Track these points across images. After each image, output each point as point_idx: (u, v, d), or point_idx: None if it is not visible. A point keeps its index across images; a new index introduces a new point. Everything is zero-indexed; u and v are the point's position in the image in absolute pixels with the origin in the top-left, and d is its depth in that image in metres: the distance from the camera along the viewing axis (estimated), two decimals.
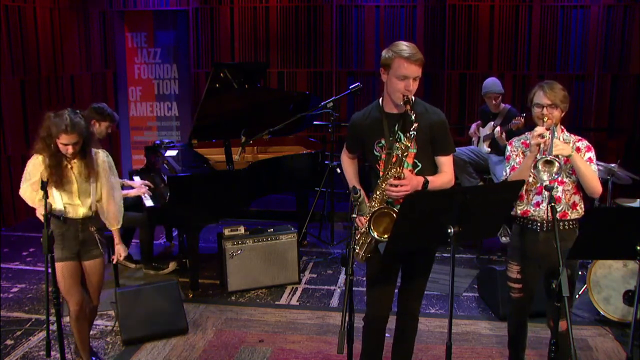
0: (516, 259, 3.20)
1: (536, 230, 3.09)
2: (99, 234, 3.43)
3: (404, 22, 7.08)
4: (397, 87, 2.75)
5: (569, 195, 3.06)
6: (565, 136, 3.11)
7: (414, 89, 2.76)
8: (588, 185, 3.00)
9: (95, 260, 3.44)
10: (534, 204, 3.09)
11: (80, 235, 3.35)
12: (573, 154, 2.97)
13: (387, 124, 2.86)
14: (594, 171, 3.01)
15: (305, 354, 3.85)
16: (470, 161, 5.58)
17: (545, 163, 2.87)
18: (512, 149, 3.20)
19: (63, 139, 3.17)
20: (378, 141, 2.89)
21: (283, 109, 5.42)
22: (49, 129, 3.20)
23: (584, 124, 6.87)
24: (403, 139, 2.76)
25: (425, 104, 2.90)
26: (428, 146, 2.86)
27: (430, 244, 2.92)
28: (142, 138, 7.94)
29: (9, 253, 5.63)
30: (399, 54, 2.72)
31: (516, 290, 3.24)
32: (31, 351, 3.85)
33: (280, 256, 4.85)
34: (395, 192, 2.74)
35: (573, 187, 3.06)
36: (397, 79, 2.74)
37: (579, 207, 3.10)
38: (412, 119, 2.71)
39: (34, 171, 3.26)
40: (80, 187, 3.29)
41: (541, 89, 3.05)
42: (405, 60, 2.71)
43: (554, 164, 2.85)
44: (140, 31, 7.78)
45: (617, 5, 6.65)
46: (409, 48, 2.73)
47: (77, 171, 3.28)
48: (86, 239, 3.37)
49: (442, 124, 2.87)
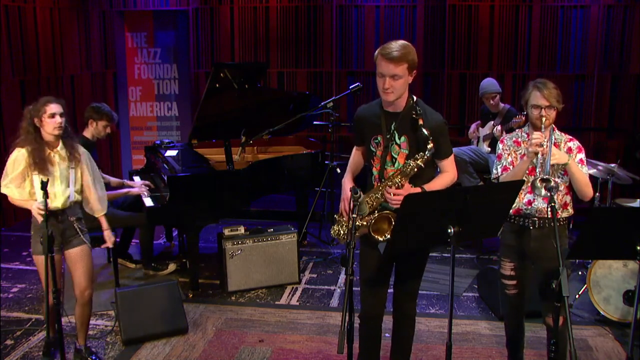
0: (509, 256, 3.23)
1: (528, 228, 3.12)
2: (79, 223, 3.47)
3: (404, 22, 7.08)
4: (378, 85, 2.77)
5: (561, 196, 3.10)
6: (557, 135, 3.12)
7: (394, 87, 2.73)
8: (580, 190, 3.03)
9: (77, 248, 3.47)
10: (525, 202, 3.11)
11: (60, 226, 3.40)
12: (570, 161, 3.00)
13: (385, 122, 2.87)
14: (585, 175, 3.04)
15: (305, 354, 3.85)
16: (470, 161, 5.58)
17: (542, 180, 2.89)
18: (504, 148, 3.21)
19: (50, 108, 3.29)
20: (375, 137, 2.91)
21: (283, 109, 5.42)
22: (33, 116, 3.31)
23: (584, 124, 6.87)
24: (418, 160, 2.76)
25: (426, 107, 2.90)
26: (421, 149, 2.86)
27: (430, 244, 2.93)
28: (142, 138, 7.94)
29: (9, 253, 5.63)
30: (380, 51, 2.73)
31: (511, 287, 3.26)
32: (31, 351, 3.85)
33: (280, 256, 4.85)
34: (390, 201, 2.78)
35: (565, 187, 3.10)
36: (378, 77, 2.76)
37: (570, 206, 3.15)
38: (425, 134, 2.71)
39: (16, 165, 3.33)
40: (61, 176, 3.36)
41: (537, 89, 3.04)
42: (382, 58, 2.70)
43: (550, 182, 2.86)
44: (140, 31, 7.78)
45: (617, 5, 6.65)
46: (390, 46, 2.70)
47: (59, 158, 3.37)
48: (66, 229, 3.42)
49: (440, 128, 2.86)
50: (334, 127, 5.58)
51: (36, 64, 6.64)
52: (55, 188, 3.35)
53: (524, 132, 3.19)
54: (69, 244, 3.46)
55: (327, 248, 5.80)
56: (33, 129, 3.32)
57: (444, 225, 2.52)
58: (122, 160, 7.95)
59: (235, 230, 4.78)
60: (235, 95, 4.85)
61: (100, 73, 7.72)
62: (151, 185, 4.98)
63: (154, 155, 5.43)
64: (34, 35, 6.59)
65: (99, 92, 7.64)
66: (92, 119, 4.74)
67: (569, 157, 3.00)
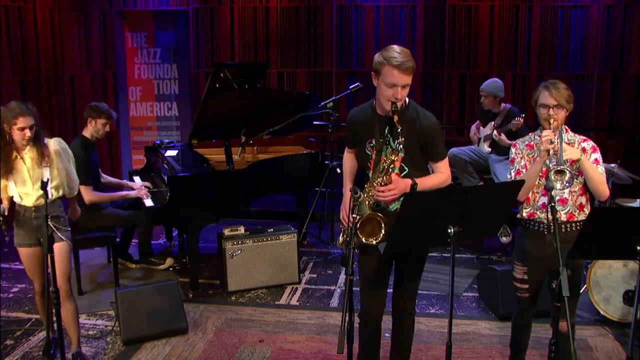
0: (522, 260, 3.18)
1: (543, 232, 3.07)
2: (56, 222, 3.48)
3: (404, 22, 7.08)
4: (386, 94, 2.74)
5: (576, 197, 3.04)
6: (570, 136, 3.08)
7: (402, 96, 2.74)
8: (596, 189, 2.97)
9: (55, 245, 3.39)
10: (540, 206, 3.07)
11: (34, 222, 3.45)
12: (582, 158, 2.94)
13: (379, 125, 2.87)
14: (601, 174, 2.98)
15: (305, 354, 3.85)
16: (470, 161, 5.58)
17: (557, 173, 2.85)
18: (517, 152, 3.16)
19: (20, 122, 3.29)
20: (369, 140, 2.91)
21: (283, 109, 5.42)
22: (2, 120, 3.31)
23: (584, 124, 6.87)
24: (389, 152, 2.76)
25: (419, 108, 2.89)
26: (416, 152, 2.86)
27: (430, 244, 2.93)
28: (142, 138, 7.94)
29: (9, 253, 5.63)
30: (389, 61, 2.69)
31: (523, 290, 3.22)
32: (31, 351, 3.85)
33: (280, 256, 4.85)
34: (382, 197, 2.77)
35: (580, 188, 3.03)
36: (386, 86, 2.73)
37: (586, 208, 3.07)
38: (398, 130, 2.71)
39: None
40: (33, 175, 3.38)
41: (546, 89, 3.01)
42: (395, 69, 2.69)
43: (566, 173, 2.83)
44: (140, 31, 7.78)
45: (617, 5, 6.65)
46: (400, 55, 2.70)
47: (28, 160, 3.38)
48: (41, 225, 3.40)
49: (433, 130, 2.86)
50: (334, 127, 5.58)
51: (36, 64, 6.63)
52: (27, 188, 3.40)
53: (537, 134, 3.13)
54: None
55: (327, 248, 5.80)
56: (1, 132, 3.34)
57: (444, 225, 2.52)
58: (122, 160, 7.95)
59: (235, 230, 4.78)
60: (235, 95, 4.85)
61: (100, 73, 7.72)
62: (150, 186, 4.98)
63: (154, 155, 5.43)
64: (34, 35, 6.59)
65: (99, 92, 7.64)
66: (91, 117, 4.75)
67: (581, 154, 2.96)
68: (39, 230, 3.45)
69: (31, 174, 3.39)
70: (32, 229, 3.47)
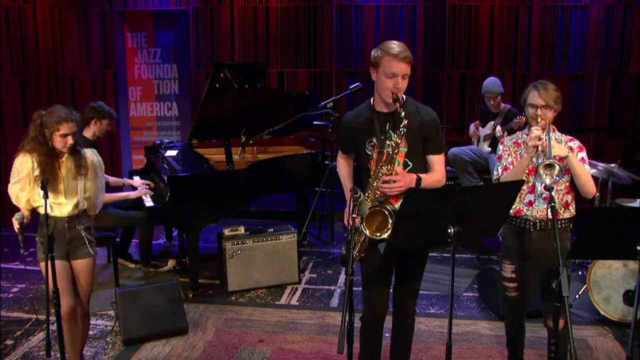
0: (510, 258, 3.21)
1: (529, 230, 3.10)
2: (88, 233, 3.37)
3: (404, 22, 7.07)
4: (386, 85, 2.76)
5: (562, 195, 3.08)
6: (557, 136, 3.12)
7: (403, 87, 2.76)
8: (583, 186, 3.01)
9: (84, 260, 3.36)
10: (526, 203, 3.10)
11: (67, 234, 3.30)
12: (570, 155, 2.98)
13: (379, 123, 2.87)
14: (588, 172, 3.03)
15: (305, 354, 3.85)
16: (470, 161, 5.58)
17: (546, 167, 2.87)
18: (504, 149, 3.21)
19: (64, 128, 3.15)
20: (370, 140, 2.90)
21: (283, 109, 5.42)
22: (44, 126, 3.17)
23: (584, 124, 6.87)
24: (393, 137, 2.76)
25: (417, 103, 2.91)
26: (419, 145, 2.87)
27: (430, 244, 2.92)
28: (142, 138, 7.94)
29: (9, 253, 5.63)
30: (387, 52, 2.74)
31: (511, 289, 3.25)
32: (31, 351, 3.85)
33: (280, 256, 4.85)
34: (388, 189, 2.76)
35: (566, 187, 3.08)
36: (386, 77, 2.75)
37: (571, 206, 3.13)
38: (401, 115, 2.71)
39: (21, 169, 3.24)
40: (67, 186, 3.25)
41: (535, 89, 3.05)
42: (394, 58, 2.72)
43: (555, 167, 2.85)
44: (140, 31, 7.78)
45: (617, 5, 6.65)
46: (397, 46, 2.75)
47: (65, 170, 3.25)
48: (73, 237, 3.33)
49: (434, 122, 2.87)
50: (333, 127, 5.58)
51: (36, 64, 6.63)
52: (59, 199, 3.26)
53: (524, 133, 3.18)
54: (75, 254, 3.36)
55: (327, 248, 5.80)
56: (43, 138, 3.20)
57: (444, 225, 2.52)
58: (122, 160, 7.95)
59: (235, 230, 4.78)
60: (235, 95, 4.85)
61: (100, 73, 7.72)
62: (151, 184, 4.98)
63: (154, 155, 5.43)
64: (34, 35, 6.59)
65: (99, 92, 7.64)
66: (95, 118, 4.79)
67: (569, 151, 2.99)
68: (70, 243, 3.31)
69: (66, 184, 3.24)
70: (63, 242, 3.28)
